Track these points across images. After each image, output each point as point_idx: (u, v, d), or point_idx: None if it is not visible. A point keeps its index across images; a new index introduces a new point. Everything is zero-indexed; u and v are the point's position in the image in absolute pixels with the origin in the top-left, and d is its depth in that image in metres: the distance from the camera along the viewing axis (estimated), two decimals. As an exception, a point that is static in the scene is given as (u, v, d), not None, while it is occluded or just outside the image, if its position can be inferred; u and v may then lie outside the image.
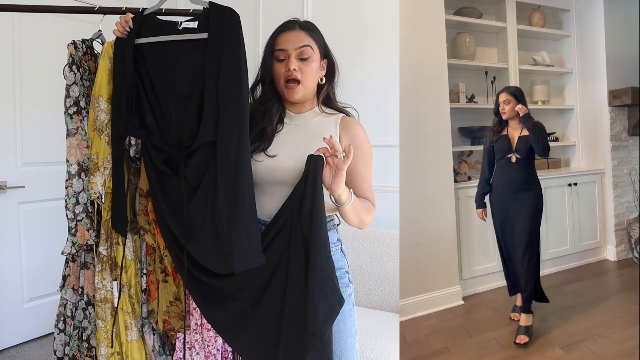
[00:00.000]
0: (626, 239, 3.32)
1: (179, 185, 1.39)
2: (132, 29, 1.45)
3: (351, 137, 1.48)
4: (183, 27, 1.42)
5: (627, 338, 2.30)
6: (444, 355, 2.28)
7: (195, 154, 1.39)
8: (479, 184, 2.62)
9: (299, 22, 1.50)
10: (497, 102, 2.54)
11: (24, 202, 3.05)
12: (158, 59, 1.44)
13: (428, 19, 2.65)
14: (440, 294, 2.70)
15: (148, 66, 1.44)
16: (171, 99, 1.41)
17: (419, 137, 2.63)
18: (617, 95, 3.18)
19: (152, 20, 1.48)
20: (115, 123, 1.47)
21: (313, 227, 1.33)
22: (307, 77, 1.46)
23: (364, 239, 2.66)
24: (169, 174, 1.41)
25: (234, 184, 1.34)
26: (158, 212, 1.44)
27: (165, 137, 1.42)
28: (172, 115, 1.41)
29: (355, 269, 2.57)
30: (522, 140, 2.46)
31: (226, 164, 1.34)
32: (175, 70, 1.41)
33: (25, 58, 3.00)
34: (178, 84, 1.41)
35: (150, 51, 1.45)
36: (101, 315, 1.54)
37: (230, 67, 1.37)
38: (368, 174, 1.50)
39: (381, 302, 2.53)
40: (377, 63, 2.95)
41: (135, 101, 1.44)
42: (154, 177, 1.43)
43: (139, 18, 1.47)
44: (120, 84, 1.45)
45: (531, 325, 2.36)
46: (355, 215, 1.42)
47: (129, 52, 1.44)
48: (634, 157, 3.36)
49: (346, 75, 1.60)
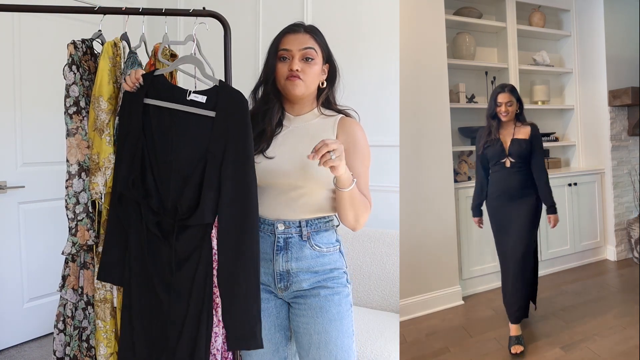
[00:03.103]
0: (626, 239, 3.31)
1: (167, 251, 1.42)
2: (142, 86, 1.45)
3: (348, 136, 1.49)
4: (191, 98, 1.42)
5: (627, 338, 2.29)
6: (444, 355, 2.28)
7: (189, 230, 1.41)
8: (475, 193, 2.50)
9: (304, 26, 1.53)
10: (495, 102, 2.36)
11: (24, 202, 3.05)
12: (164, 123, 1.44)
13: (428, 19, 2.65)
14: (440, 294, 2.69)
15: (153, 128, 1.45)
16: (171, 167, 1.42)
17: (419, 137, 2.63)
18: (617, 95, 3.18)
19: (161, 81, 1.48)
20: (116, 181, 1.46)
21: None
22: (308, 78, 1.48)
23: (364, 239, 2.66)
24: (160, 237, 1.43)
25: (230, 275, 1.40)
26: (144, 265, 1.46)
27: (162, 202, 1.43)
28: (170, 185, 1.42)
29: (355, 269, 2.57)
30: (515, 143, 2.31)
31: (226, 254, 1.40)
32: (180, 140, 1.42)
33: (25, 58, 3.00)
34: (180, 155, 1.42)
35: (157, 114, 1.45)
36: (101, 315, 1.54)
37: (235, 153, 1.39)
38: (365, 173, 1.50)
39: (381, 302, 2.53)
40: (377, 63, 2.95)
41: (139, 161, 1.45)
42: (145, 236, 1.44)
43: (149, 77, 1.46)
44: (124, 138, 1.45)
45: (521, 335, 2.28)
46: (352, 205, 1.42)
47: (138, 109, 1.44)
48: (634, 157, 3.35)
49: (346, 75, 1.60)
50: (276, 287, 1.49)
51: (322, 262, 1.48)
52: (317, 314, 1.46)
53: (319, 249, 1.48)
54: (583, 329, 2.41)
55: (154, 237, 1.44)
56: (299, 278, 1.47)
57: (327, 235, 1.51)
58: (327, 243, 1.50)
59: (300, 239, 1.47)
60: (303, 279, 1.47)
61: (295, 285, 1.48)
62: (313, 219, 1.48)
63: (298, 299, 1.50)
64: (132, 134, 1.44)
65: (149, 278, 1.44)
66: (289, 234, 1.47)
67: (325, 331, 1.46)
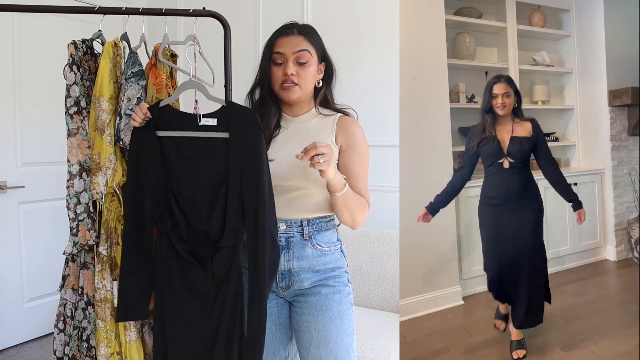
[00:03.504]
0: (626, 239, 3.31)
1: (202, 276, 1.43)
2: (150, 119, 1.44)
3: (347, 135, 1.48)
4: (203, 123, 1.43)
5: (627, 338, 2.29)
6: (444, 355, 2.28)
7: (221, 251, 1.43)
8: (444, 193, 2.26)
9: (297, 26, 1.51)
10: (491, 94, 2.13)
11: (24, 202, 3.05)
12: (182, 152, 1.44)
13: (428, 19, 2.65)
14: (440, 294, 2.69)
15: (171, 159, 1.44)
16: (196, 193, 1.43)
17: (419, 137, 2.63)
18: (617, 95, 3.18)
19: (168, 112, 1.47)
20: (134, 212, 1.47)
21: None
22: (304, 81, 1.47)
23: (364, 239, 2.66)
24: (194, 264, 1.44)
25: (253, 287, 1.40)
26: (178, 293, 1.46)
27: (191, 229, 1.43)
28: (197, 211, 1.42)
29: (355, 269, 2.57)
30: (516, 141, 2.08)
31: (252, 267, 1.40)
32: (200, 165, 1.43)
33: (25, 58, 3.01)
34: (203, 180, 1.43)
35: (173, 144, 1.45)
36: (101, 315, 1.54)
37: (250, 171, 1.40)
38: (363, 173, 1.50)
39: (381, 302, 2.53)
40: (376, 63, 2.95)
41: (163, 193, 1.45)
42: (175, 266, 1.45)
43: (155, 110, 1.45)
44: (144, 172, 1.45)
45: (523, 339, 2.20)
46: (346, 208, 1.43)
47: (154, 142, 1.44)
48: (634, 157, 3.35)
49: (346, 75, 1.60)
50: (278, 286, 1.50)
51: (324, 261, 1.49)
52: (318, 312, 1.47)
53: (320, 248, 1.48)
54: (583, 329, 2.41)
55: (188, 265, 1.44)
56: (301, 277, 1.48)
57: (329, 234, 1.51)
58: (329, 242, 1.51)
59: (302, 238, 1.47)
60: (304, 278, 1.48)
61: (296, 285, 1.48)
62: (314, 218, 1.48)
63: (299, 297, 1.50)
64: (151, 167, 1.44)
65: (184, 305, 1.45)
66: (291, 233, 1.47)
67: (325, 329, 1.46)
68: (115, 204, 1.54)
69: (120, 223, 1.53)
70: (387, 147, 2.76)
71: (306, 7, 3.16)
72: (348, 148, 1.47)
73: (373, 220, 1.56)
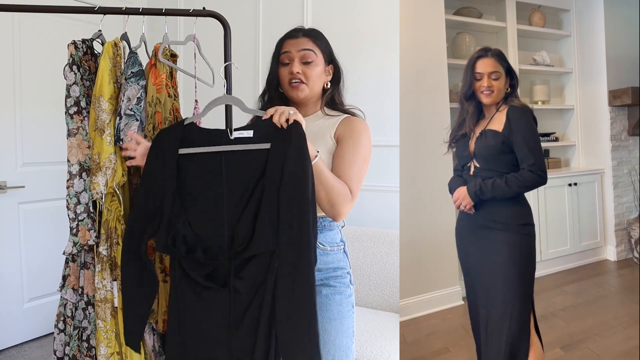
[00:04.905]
0: (626, 239, 3.31)
1: (225, 299, 1.32)
2: (175, 138, 1.39)
3: (347, 128, 1.49)
4: (236, 136, 1.37)
5: (627, 338, 2.29)
6: (444, 355, 2.28)
7: (250, 265, 1.31)
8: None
9: (303, 30, 1.55)
10: (473, 75, 1.56)
11: (24, 202, 3.05)
12: (206, 167, 1.37)
13: (428, 19, 2.65)
14: (440, 294, 2.69)
15: (191, 175, 1.38)
16: (224, 206, 1.34)
17: (419, 137, 2.63)
18: (617, 95, 3.18)
19: (194, 130, 1.42)
20: (135, 237, 1.40)
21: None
22: (310, 80, 1.50)
23: (364, 239, 2.66)
24: (216, 288, 1.33)
25: (292, 300, 1.28)
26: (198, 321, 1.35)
27: (208, 249, 1.34)
28: (224, 223, 1.34)
29: (356, 269, 2.57)
30: (484, 136, 1.50)
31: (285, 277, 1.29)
32: (231, 177, 1.36)
33: (25, 58, 3.01)
34: (233, 191, 1.35)
35: (195, 161, 1.38)
36: (101, 315, 1.54)
37: (293, 177, 1.31)
38: (357, 162, 1.46)
39: (381, 302, 2.53)
40: (377, 63, 2.95)
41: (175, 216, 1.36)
42: (189, 294, 1.35)
43: (180, 129, 1.42)
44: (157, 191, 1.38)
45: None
46: (321, 183, 1.36)
47: (172, 162, 1.38)
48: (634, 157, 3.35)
49: (346, 75, 1.61)
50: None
51: (326, 261, 1.49)
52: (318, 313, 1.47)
53: (322, 248, 1.49)
54: (583, 329, 2.41)
55: (206, 290, 1.35)
56: (301, 277, 1.47)
57: (332, 234, 1.52)
58: (331, 242, 1.51)
59: (305, 237, 1.47)
60: (305, 278, 1.47)
61: (297, 284, 1.48)
62: (317, 217, 1.48)
63: (299, 297, 1.50)
64: (167, 189, 1.37)
65: (204, 334, 1.36)
66: None
67: (324, 330, 1.46)
68: (115, 204, 1.54)
69: (120, 223, 1.54)
70: (387, 147, 2.77)
71: (306, 7, 3.16)
72: (344, 138, 1.47)
73: (373, 220, 1.56)
